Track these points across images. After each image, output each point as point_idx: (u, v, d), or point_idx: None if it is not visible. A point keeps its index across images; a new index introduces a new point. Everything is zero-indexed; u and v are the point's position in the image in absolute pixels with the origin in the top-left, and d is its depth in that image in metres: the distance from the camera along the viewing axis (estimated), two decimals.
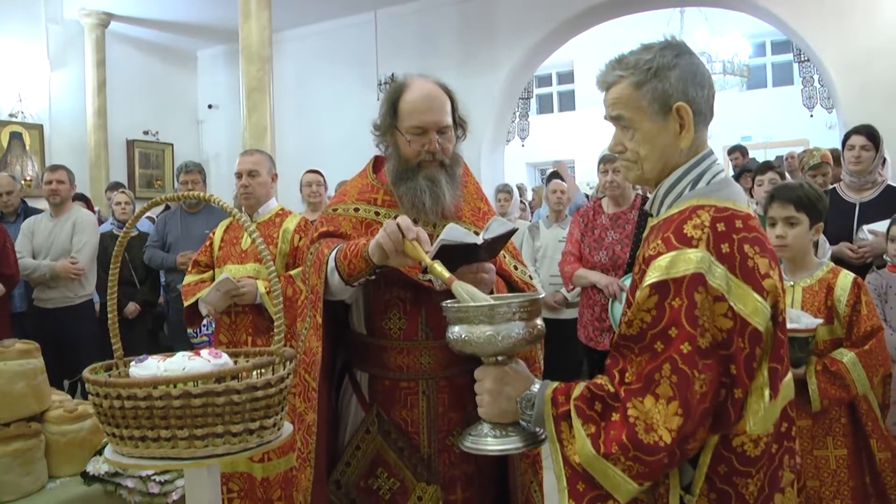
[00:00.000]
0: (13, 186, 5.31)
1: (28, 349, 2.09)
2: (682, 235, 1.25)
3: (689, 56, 1.34)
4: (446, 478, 1.88)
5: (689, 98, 1.31)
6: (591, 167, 10.30)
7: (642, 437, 1.18)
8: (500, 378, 1.40)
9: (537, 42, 8.24)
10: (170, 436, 1.25)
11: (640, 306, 1.24)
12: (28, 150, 8.58)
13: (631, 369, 1.25)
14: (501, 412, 1.39)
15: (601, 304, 3.80)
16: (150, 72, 10.06)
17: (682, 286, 1.21)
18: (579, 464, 1.24)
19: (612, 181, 3.87)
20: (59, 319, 4.57)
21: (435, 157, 1.86)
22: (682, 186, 1.34)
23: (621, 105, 1.35)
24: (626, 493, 1.21)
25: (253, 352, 1.50)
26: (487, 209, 2.02)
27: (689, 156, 1.35)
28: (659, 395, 1.20)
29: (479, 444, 1.42)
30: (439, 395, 1.89)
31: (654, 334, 1.22)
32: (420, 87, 1.88)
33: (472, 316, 1.38)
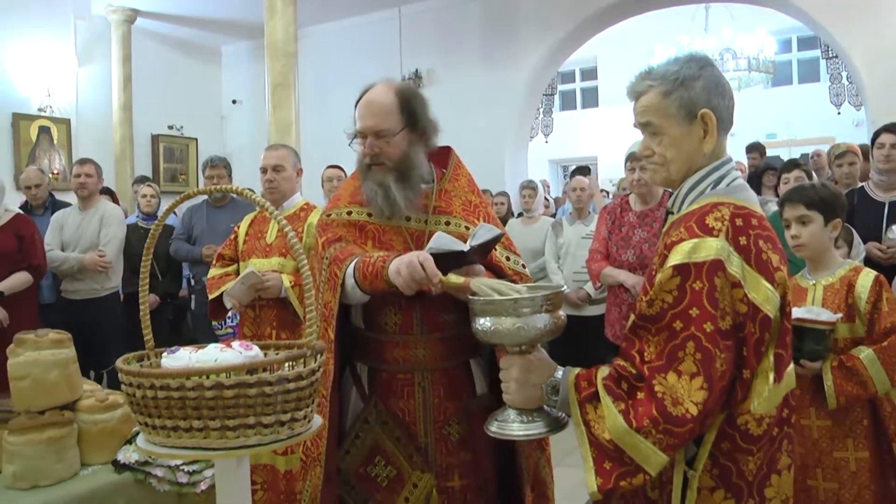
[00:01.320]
0: (41, 180, 5.40)
1: (61, 339, 2.13)
2: (704, 225, 1.36)
3: (712, 68, 1.48)
4: (443, 466, 1.95)
5: (712, 106, 1.44)
6: (614, 164, 10.28)
7: (671, 410, 1.27)
8: (525, 367, 1.47)
9: (561, 38, 8.20)
10: (202, 426, 1.27)
11: (663, 287, 1.34)
12: (56, 144, 8.70)
13: (649, 349, 1.34)
14: (528, 399, 1.47)
15: (628, 302, 3.79)
16: (175, 67, 10.15)
17: (702, 270, 1.31)
18: (610, 440, 1.31)
19: (640, 179, 3.86)
20: (85, 311, 4.64)
21: (373, 160, 1.95)
22: (704, 186, 1.46)
23: (650, 112, 1.47)
24: (656, 464, 1.29)
25: (283, 344, 1.52)
26: (479, 202, 2.07)
27: (711, 160, 1.47)
28: (682, 371, 1.29)
29: (505, 430, 1.48)
30: (435, 387, 1.96)
31: (675, 314, 1.32)
32: (367, 94, 1.98)
33: (499, 308, 1.45)
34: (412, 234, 1.97)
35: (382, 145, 1.94)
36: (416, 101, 2.00)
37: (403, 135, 1.95)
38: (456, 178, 2.10)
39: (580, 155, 13.67)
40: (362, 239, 2.00)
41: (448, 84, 8.40)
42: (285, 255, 3.11)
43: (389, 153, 1.94)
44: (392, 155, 1.94)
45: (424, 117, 2.00)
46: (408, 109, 1.96)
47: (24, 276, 4.12)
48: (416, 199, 1.97)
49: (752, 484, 1.38)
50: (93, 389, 2.25)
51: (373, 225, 2.01)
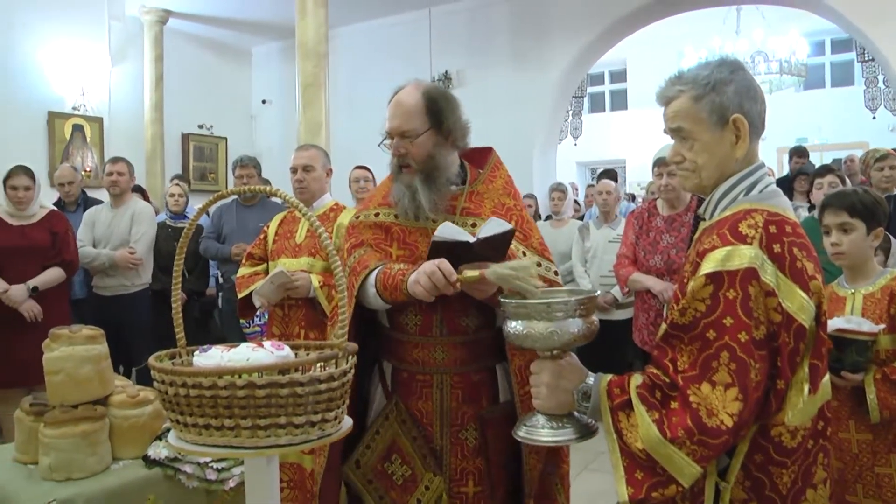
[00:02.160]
0: (74, 177, 5.48)
1: (94, 335, 2.16)
2: (738, 233, 1.33)
3: (744, 72, 1.45)
4: (457, 470, 1.95)
5: (744, 111, 1.41)
6: (643, 167, 10.20)
7: (706, 421, 1.24)
8: (557, 372, 1.45)
9: (591, 40, 8.16)
10: (233, 425, 1.27)
11: (695, 295, 1.31)
12: (88, 142, 8.84)
13: (682, 358, 1.32)
14: (558, 404, 1.45)
15: (656, 308, 3.77)
16: (206, 67, 10.28)
17: (735, 279, 1.28)
18: (642, 450, 1.28)
19: (667, 185, 3.83)
20: (115, 306, 4.69)
21: (400, 161, 1.97)
22: (737, 192, 1.43)
23: (681, 118, 1.45)
24: (689, 476, 1.27)
25: (314, 345, 1.52)
26: (513, 204, 2.04)
27: (744, 165, 1.44)
28: (716, 381, 1.26)
29: (533, 435, 1.46)
30: (453, 391, 1.96)
31: (708, 323, 1.29)
32: (396, 95, 2.00)
33: (531, 312, 1.43)
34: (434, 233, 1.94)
35: (407, 146, 1.95)
36: (444, 101, 1.98)
37: (428, 136, 1.95)
38: (492, 179, 2.07)
39: (608, 158, 13.61)
40: (388, 241, 2.02)
41: (477, 85, 8.40)
42: (314, 255, 3.13)
43: (414, 154, 1.95)
44: (417, 156, 1.95)
45: (451, 118, 1.98)
46: (433, 110, 1.96)
47: (57, 272, 4.19)
48: (443, 201, 1.97)
49: (787, 498, 1.35)
50: (124, 385, 2.28)
51: (398, 226, 2.02)
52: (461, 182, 2.04)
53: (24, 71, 8.18)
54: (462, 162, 2.09)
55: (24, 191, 4.15)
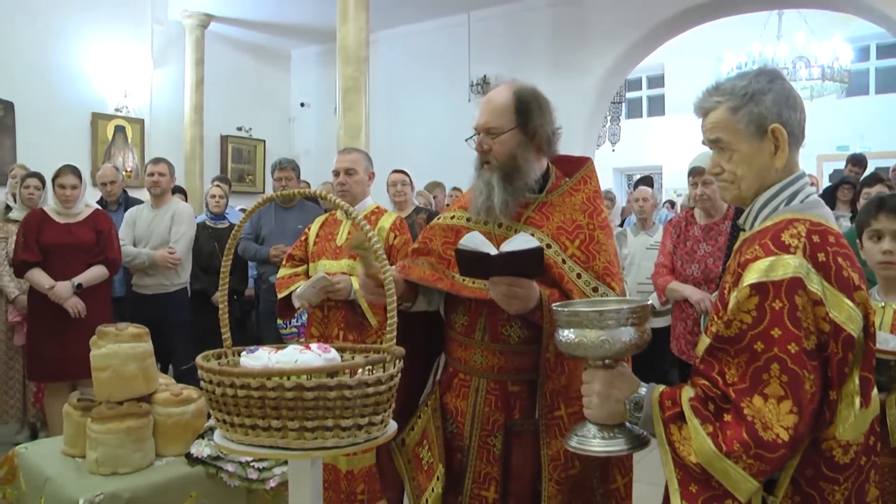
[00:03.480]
0: (116, 177, 5.58)
1: (139, 333, 2.20)
2: (781, 242, 1.30)
3: (782, 81, 1.43)
4: (482, 474, 1.95)
5: (783, 120, 1.39)
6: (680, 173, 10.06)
7: (762, 435, 1.22)
8: (608, 381, 1.43)
9: (630, 46, 8.11)
10: (280, 426, 1.29)
11: (741, 307, 1.29)
12: (130, 142, 9.02)
13: (730, 371, 1.29)
14: (610, 414, 1.42)
15: (694, 317, 3.73)
16: (246, 70, 10.43)
17: (781, 289, 1.26)
18: (697, 464, 1.26)
19: (703, 194, 3.78)
20: (154, 305, 4.75)
21: (482, 158, 1.96)
22: (778, 202, 1.41)
23: (719, 129, 1.43)
24: (746, 491, 1.24)
25: (359, 348, 1.53)
26: (587, 223, 1.95)
27: (784, 175, 1.42)
28: (768, 394, 1.23)
29: (585, 445, 1.44)
30: (487, 396, 1.95)
31: (755, 335, 1.26)
32: (489, 92, 1.99)
33: (584, 320, 1.41)
34: (499, 240, 1.88)
35: (491, 143, 1.94)
36: (534, 103, 1.95)
37: (512, 134, 1.92)
38: (573, 192, 2.00)
39: (645, 164, 13.47)
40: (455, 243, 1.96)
41: None
42: (355, 258, 3.14)
43: (497, 152, 1.93)
44: (499, 154, 1.93)
45: (538, 120, 1.94)
46: (522, 110, 1.93)
47: (100, 270, 4.28)
48: (514, 206, 1.94)
49: None
50: (167, 383, 2.32)
51: (466, 229, 2.00)
52: (540, 190, 2.00)
53: (69, 73, 8.38)
54: (550, 170, 2.04)
55: (72, 189, 4.24)
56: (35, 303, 4.23)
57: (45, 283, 4.10)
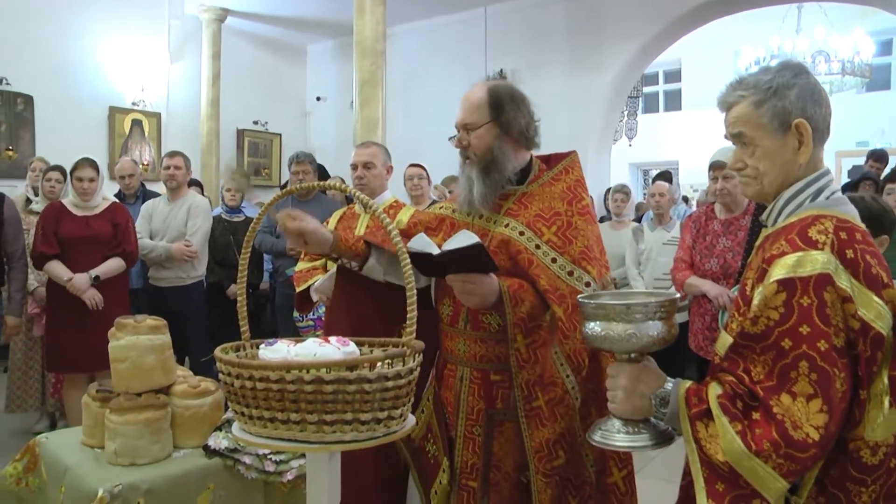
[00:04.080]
0: (134, 170, 5.62)
1: (157, 325, 2.21)
2: (808, 238, 1.28)
3: (807, 76, 1.41)
4: (468, 465, 1.98)
5: (807, 115, 1.37)
6: (696, 168, 10.00)
7: (792, 434, 1.19)
8: (634, 375, 1.40)
9: (647, 40, 8.03)
10: (299, 419, 1.28)
11: (767, 303, 1.26)
12: (146, 136, 9.06)
13: (755, 368, 1.26)
14: (635, 409, 1.40)
15: (712, 313, 3.70)
16: (262, 65, 10.44)
17: (808, 285, 1.24)
18: (724, 462, 1.23)
19: (723, 189, 3.75)
20: (170, 298, 4.78)
21: (462, 153, 2.05)
22: (803, 198, 1.39)
23: (742, 123, 1.41)
24: (775, 491, 1.22)
25: (378, 341, 1.53)
26: (565, 209, 1.99)
27: (808, 171, 1.40)
28: (797, 392, 1.21)
29: (608, 440, 1.42)
30: (471, 385, 2.00)
31: (782, 332, 1.24)
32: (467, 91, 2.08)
33: (610, 313, 1.40)
34: (477, 231, 1.96)
35: (468, 138, 2.01)
36: (507, 97, 2.02)
37: (488, 128, 1.99)
38: (554, 181, 2.05)
39: (661, 159, 13.41)
40: (437, 229, 2.11)
41: (532, 85, 8.21)
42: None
43: (475, 146, 2.01)
44: (477, 148, 2.00)
45: (512, 113, 2.00)
46: (495, 105, 2.00)
47: (118, 262, 4.30)
48: (493, 198, 2.00)
49: None
50: (185, 376, 2.32)
51: (450, 219, 2.12)
52: (520, 181, 2.05)
53: (87, 68, 8.43)
54: (532, 162, 2.09)
55: (89, 182, 4.27)
56: (53, 295, 4.27)
57: (63, 275, 4.13)
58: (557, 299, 1.87)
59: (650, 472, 4.32)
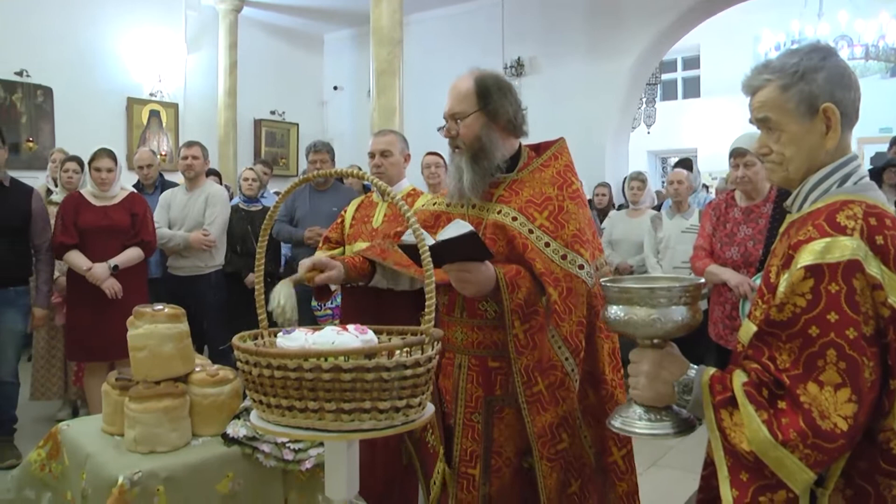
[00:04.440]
0: (153, 160, 5.64)
1: (176, 314, 2.21)
2: (836, 223, 1.25)
3: (836, 58, 1.37)
4: (468, 452, 2.00)
5: (835, 99, 1.33)
6: (715, 156, 9.89)
7: (820, 424, 1.17)
8: (657, 361, 1.38)
9: (667, 25, 7.95)
10: (317, 407, 1.27)
11: (794, 290, 1.23)
12: (164, 127, 9.11)
13: (781, 356, 1.24)
14: (657, 396, 1.38)
15: (732, 301, 3.66)
16: (279, 54, 10.46)
17: (837, 272, 1.20)
18: (750, 451, 1.21)
19: (744, 176, 3.69)
20: (189, 287, 4.81)
21: (451, 143, 2.07)
22: (830, 183, 1.36)
23: (767, 108, 1.38)
24: (802, 482, 1.19)
25: (395, 329, 1.52)
26: (556, 194, 2.01)
27: (836, 157, 1.36)
28: (824, 381, 1.18)
29: (628, 426, 1.40)
30: (469, 372, 2.02)
31: (809, 319, 1.21)
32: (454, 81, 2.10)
33: (634, 297, 1.37)
34: (471, 221, 1.98)
35: (457, 127, 2.04)
36: (494, 86, 2.04)
37: (476, 117, 2.02)
38: (543, 168, 2.08)
39: (680, 147, 13.28)
40: (436, 226, 2.11)
41: (550, 72, 8.31)
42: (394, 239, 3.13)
43: (463, 135, 2.04)
44: (465, 137, 2.03)
45: (499, 101, 2.03)
46: (482, 94, 2.03)
47: (136, 252, 4.33)
48: (483, 186, 2.03)
49: None
50: (203, 364, 2.33)
51: (445, 213, 2.14)
52: (509, 169, 2.08)
53: (105, 59, 8.48)
54: (521, 150, 2.12)
55: (107, 172, 4.29)
56: (73, 284, 4.30)
57: (82, 264, 4.16)
58: (553, 282, 1.89)
59: (668, 462, 4.29)
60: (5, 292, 4.11)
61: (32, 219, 4.21)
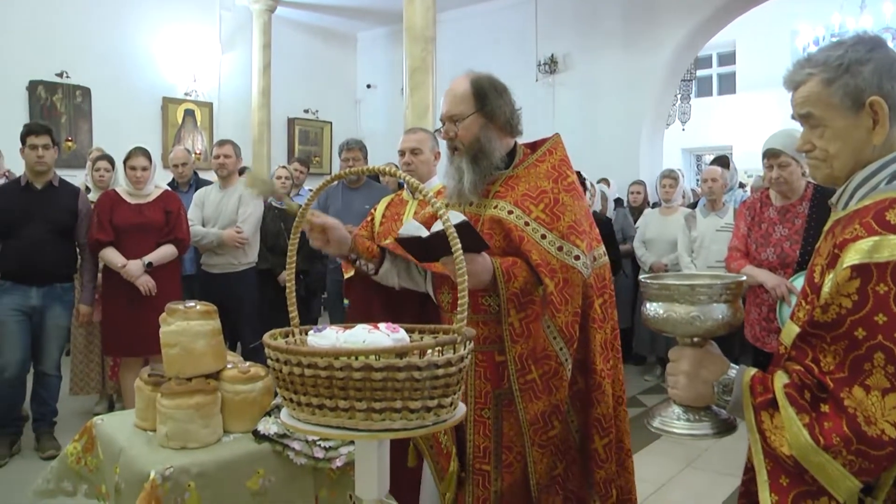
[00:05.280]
0: (187, 159, 5.71)
1: (208, 311, 2.22)
2: (885, 222, 1.19)
3: (885, 49, 1.30)
4: (481, 448, 2.03)
5: (883, 92, 1.27)
6: (750, 153, 9.72)
7: (865, 430, 1.11)
8: (697, 360, 1.34)
9: (703, 19, 7.82)
10: (347, 406, 1.26)
11: (840, 290, 1.18)
12: (199, 126, 9.22)
13: (825, 359, 1.19)
14: (697, 396, 1.35)
15: (769, 303, 3.58)
16: (312, 53, 10.52)
17: (886, 272, 1.15)
18: (790, 456, 1.17)
19: (779, 177, 3.60)
20: (222, 284, 4.86)
21: (449, 144, 2.12)
22: (878, 180, 1.29)
23: (810, 103, 1.32)
24: (846, 490, 1.14)
25: (427, 328, 1.50)
26: (551, 188, 2.04)
27: (884, 152, 1.29)
28: (870, 386, 1.13)
29: (667, 426, 1.38)
30: (477, 368, 2.05)
31: (855, 321, 1.16)
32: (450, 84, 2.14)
33: (673, 294, 1.35)
34: (470, 217, 2.01)
35: (455, 129, 2.09)
36: (489, 87, 2.09)
37: (474, 118, 2.07)
38: (538, 163, 2.12)
39: (714, 144, 13.08)
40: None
41: (584, 69, 8.23)
42: None
43: (462, 136, 2.08)
44: (464, 139, 2.08)
45: (495, 102, 2.08)
46: (479, 96, 2.08)
47: (170, 249, 4.39)
48: (482, 185, 2.08)
49: None
50: (235, 361, 2.33)
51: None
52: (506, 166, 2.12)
53: (141, 60, 8.61)
54: (517, 148, 2.17)
55: (142, 171, 4.36)
56: (109, 281, 4.38)
57: (117, 261, 4.23)
58: (549, 273, 1.92)
59: (702, 464, 4.23)
60: (52, 289, 4.23)
61: (79, 218, 4.30)
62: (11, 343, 4.13)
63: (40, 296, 4.19)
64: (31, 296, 4.17)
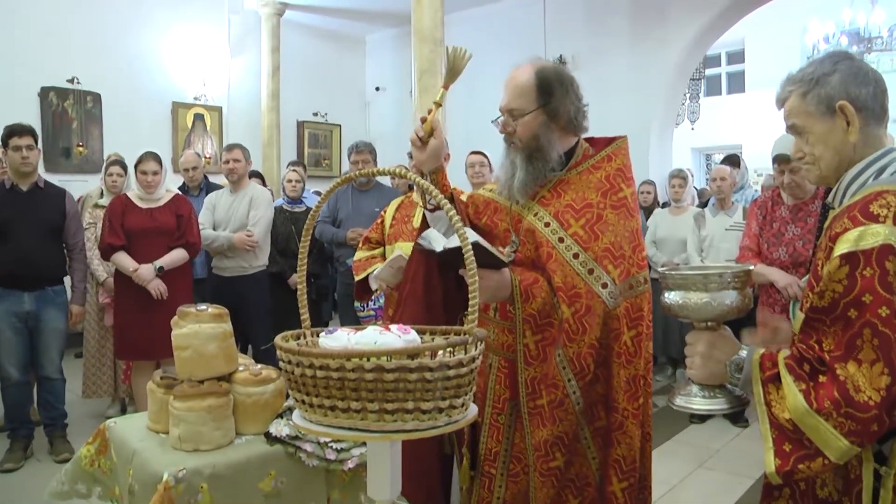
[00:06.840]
0: (198, 163, 5.74)
1: (219, 314, 2.23)
2: (869, 213, 1.32)
3: (850, 61, 1.48)
4: (491, 451, 2.02)
5: (851, 97, 1.44)
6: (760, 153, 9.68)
7: (853, 395, 1.24)
8: (711, 342, 1.49)
9: (711, 18, 7.78)
10: (360, 408, 1.26)
11: (832, 277, 1.32)
12: (208, 130, 9.25)
13: (826, 340, 1.32)
14: (711, 374, 1.48)
15: (781, 302, 3.56)
16: (321, 56, 10.55)
17: (871, 257, 1.28)
18: (789, 420, 1.29)
19: (791, 181, 3.60)
20: (234, 287, 4.88)
21: (506, 138, 1.99)
22: (866, 177, 1.43)
23: (794, 115, 1.50)
24: (836, 450, 1.25)
25: (439, 329, 1.50)
26: (598, 201, 1.92)
27: (869, 151, 1.45)
28: (861, 359, 1.25)
29: (688, 403, 1.52)
30: (498, 374, 2.03)
31: (847, 303, 1.29)
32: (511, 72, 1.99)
33: (689, 283, 1.52)
34: (513, 217, 1.99)
35: (514, 124, 1.95)
36: (556, 82, 1.93)
37: (535, 115, 1.92)
38: (594, 169, 1.98)
39: (724, 143, 13.04)
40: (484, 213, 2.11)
41: (593, 69, 8.19)
42: None
43: (520, 133, 1.94)
44: (522, 135, 1.94)
45: (561, 100, 1.93)
46: (544, 90, 1.92)
47: (181, 253, 4.41)
48: (532, 187, 1.96)
49: None
50: (247, 363, 2.34)
51: (494, 203, 2.10)
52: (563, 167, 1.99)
53: (150, 65, 8.66)
54: (579, 145, 2.03)
55: (153, 175, 4.38)
56: (121, 285, 4.40)
57: (129, 265, 4.25)
58: (569, 299, 1.83)
59: (714, 464, 4.21)
60: (44, 292, 4.24)
61: (67, 220, 4.33)
62: (10, 350, 4.15)
63: (33, 300, 4.20)
64: (23, 301, 4.17)
